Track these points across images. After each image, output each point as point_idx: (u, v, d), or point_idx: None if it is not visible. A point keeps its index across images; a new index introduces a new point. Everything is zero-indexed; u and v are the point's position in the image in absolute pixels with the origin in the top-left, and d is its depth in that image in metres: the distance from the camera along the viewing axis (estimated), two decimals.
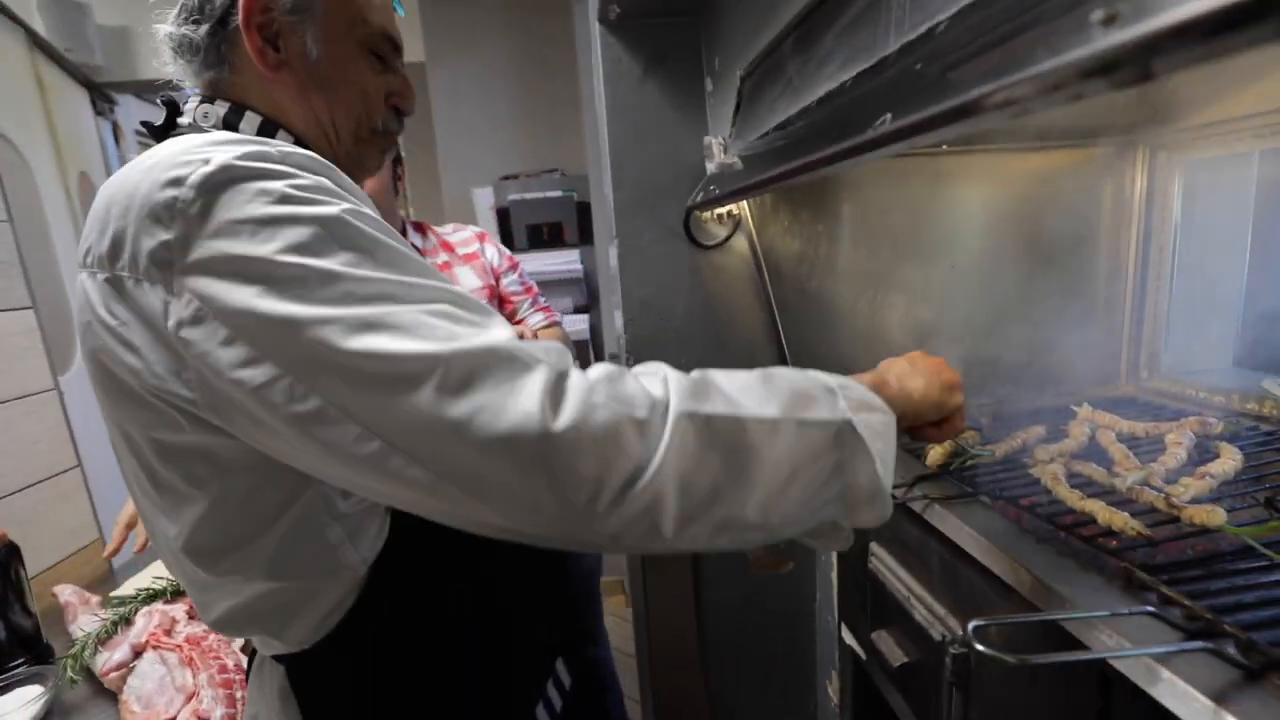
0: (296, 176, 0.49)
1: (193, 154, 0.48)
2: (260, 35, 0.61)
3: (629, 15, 1.13)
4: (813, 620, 1.41)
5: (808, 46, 0.74)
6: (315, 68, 0.63)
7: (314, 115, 0.65)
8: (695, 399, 0.47)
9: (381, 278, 0.46)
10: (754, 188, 0.81)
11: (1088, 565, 0.69)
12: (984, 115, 0.33)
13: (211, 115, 0.62)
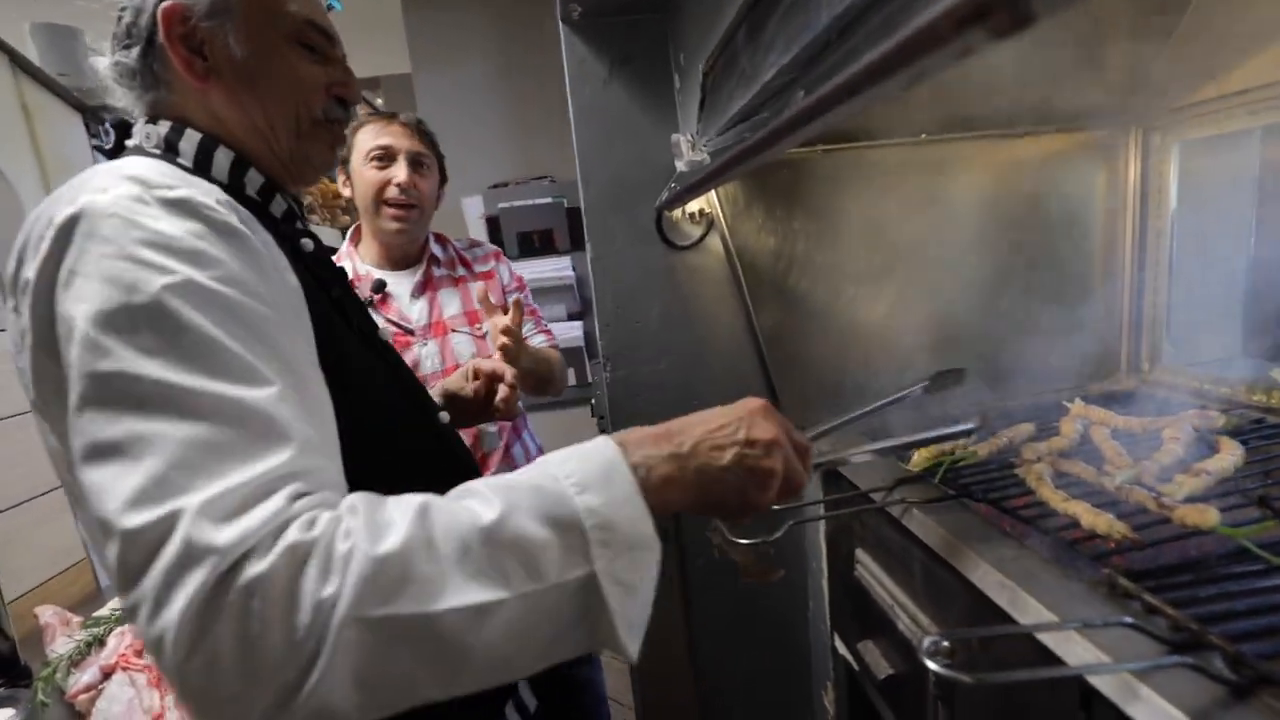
0: (155, 229, 0.47)
1: (77, 190, 0.49)
2: (184, 47, 0.61)
3: (591, 14, 1.11)
4: (806, 629, 1.37)
5: (756, 34, 0.71)
6: (243, 68, 0.62)
7: (249, 120, 0.64)
8: (376, 595, 0.40)
9: (159, 379, 0.43)
10: (707, 181, 0.78)
11: (1070, 572, 0.65)
12: (883, 82, 0.30)
13: (153, 136, 0.62)
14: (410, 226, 1.25)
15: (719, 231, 1.18)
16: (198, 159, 0.62)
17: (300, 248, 0.65)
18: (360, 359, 0.65)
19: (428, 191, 1.26)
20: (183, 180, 0.52)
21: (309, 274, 0.62)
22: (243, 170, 0.64)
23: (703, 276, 1.21)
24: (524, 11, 2.33)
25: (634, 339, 1.22)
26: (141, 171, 0.51)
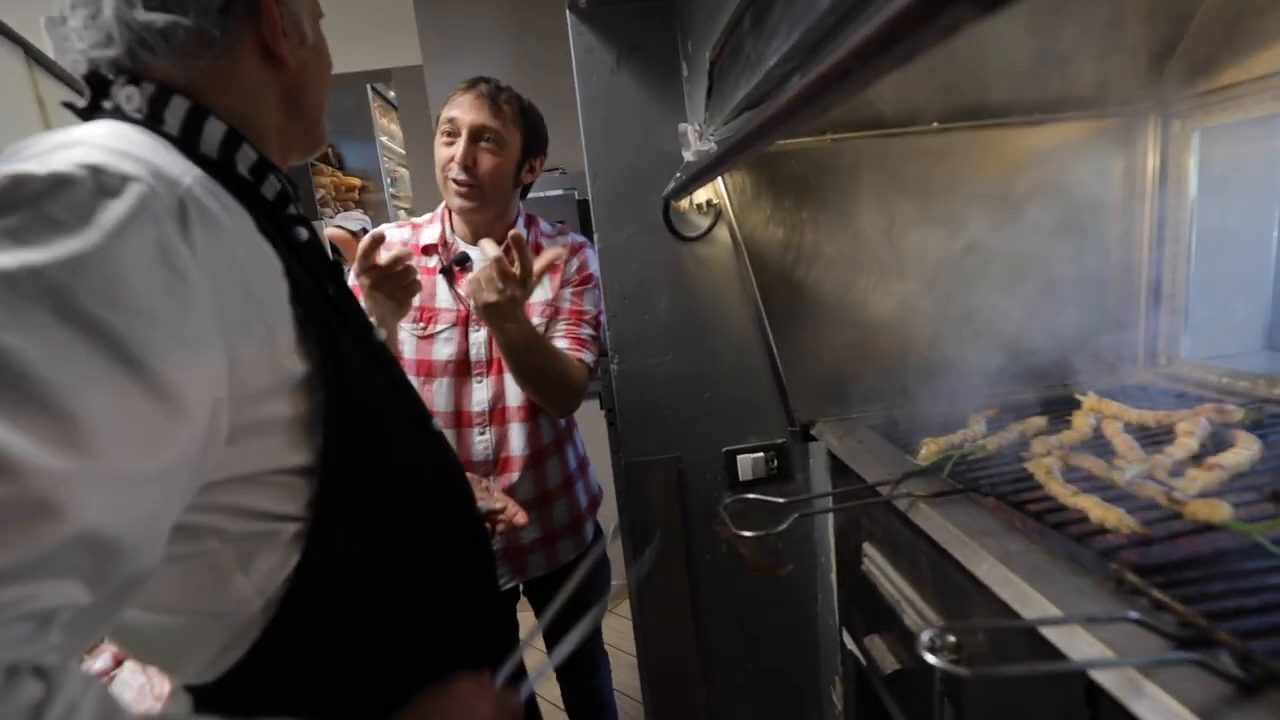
0: (59, 206, 0.42)
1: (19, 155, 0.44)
2: (275, 28, 0.60)
3: (599, 2, 1.10)
4: (815, 624, 1.37)
5: (761, 20, 0.70)
6: (312, 53, 0.65)
7: (303, 100, 0.65)
8: None
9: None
10: (711, 170, 0.77)
11: (1077, 567, 0.64)
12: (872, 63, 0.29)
13: (135, 98, 0.55)
14: (475, 205, 1.17)
15: (727, 222, 1.17)
16: (184, 130, 0.56)
17: (295, 238, 0.61)
18: (356, 361, 0.62)
19: (491, 170, 1.16)
20: (146, 156, 0.47)
21: (302, 267, 0.58)
22: (235, 145, 0.58)
23: (711, 268, 1.20)
24: (534, 3, 2.32)
25: (642, 331, 1.21)
26: (94, 145, 0.46)
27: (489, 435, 1.23)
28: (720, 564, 1.34)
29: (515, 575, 1.30)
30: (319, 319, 0.57)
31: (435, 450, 0.74)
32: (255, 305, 0.52)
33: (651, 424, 1.26)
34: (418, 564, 0.67)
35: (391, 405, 0.67)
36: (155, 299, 0.44)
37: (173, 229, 0.46)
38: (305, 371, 0.55)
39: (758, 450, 1.28)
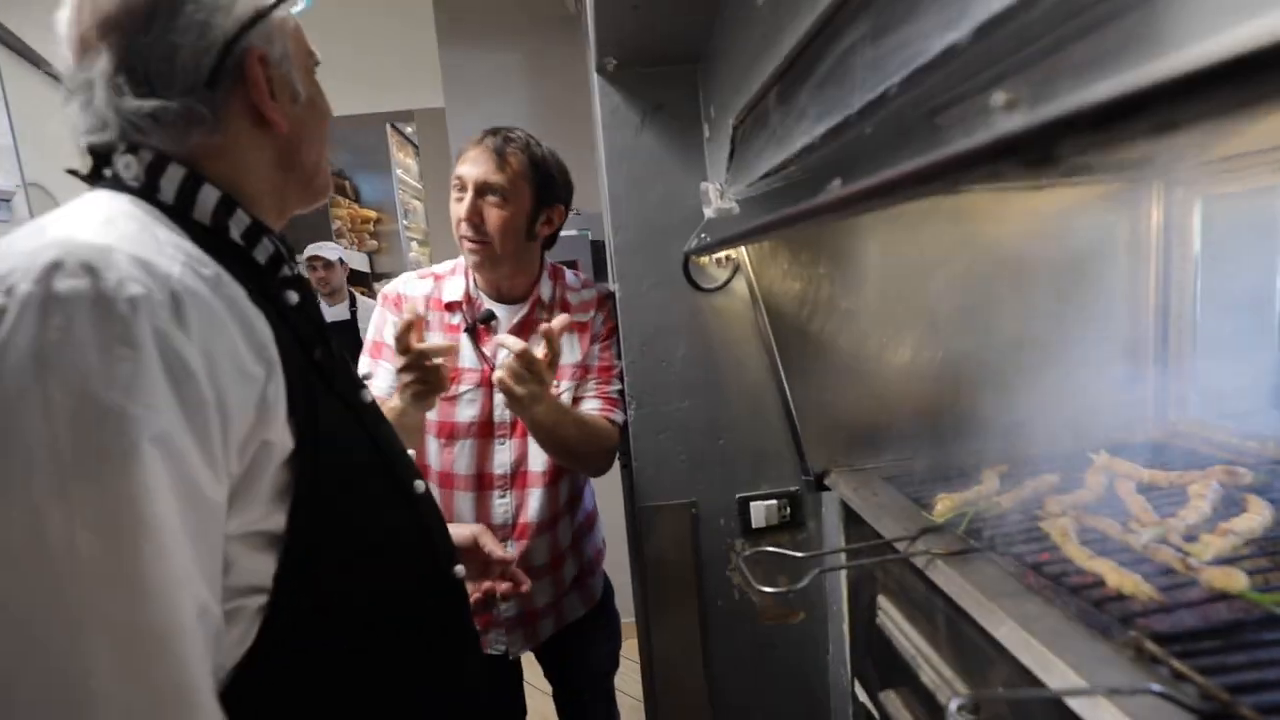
0: (55, 329, 0.45)
1: (39, 259, 0.46)
2: (265, 93, 0.61)
3: (625, 66, 1.15)
4: (825, 673, 1.36)
5: (788, 100, 0.74)
6: (305, 109, 0.66)
7: (302, 157, 0.66)
8: None
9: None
10: (734, 240, 0.81)
11: (1096, 633, 0.65)
12: (906, 193, 0.32)
13: (133, 167, 0.57)
14: (485, 261, 1.15)
15: (745, 275, 1.20)
16: (179, 197, 0.58)
17: (285, 303, 0.62)
18: (335, 425, 0.63)
19: (498, 225, 1.12)
20: (132, 249, 0.49)
21: (290, 333, 0.60)
22: (229, 210, 0.60)
23: (728, 318, 1.23)
24: (553, 51, 2.41)
25: (659, 378, 1.24)
26: (113, 244, 0.48)
27: (509, 499, 1.20)
28: (731, 610, 1.34)
29: (527, 642, 1.26)
30: (302, 388, 0.58)
31: (416, 510, 0.72)
32: (251, 381, 0.54)
33: (666, 469, 1.28)
34: (386, 638, 0.66)
35: (370, 472, 0.67)
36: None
37: (169, 322, 0.48)
38: (293, 445, 0.57)
39: (770, 498, 1.29)
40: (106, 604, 0.45)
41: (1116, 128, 0.20)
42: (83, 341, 0.45)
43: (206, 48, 0.58)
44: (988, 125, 0.24)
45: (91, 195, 0.56)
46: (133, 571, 0.45)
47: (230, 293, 0.55)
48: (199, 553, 0.50)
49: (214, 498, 0.51)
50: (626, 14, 0.95)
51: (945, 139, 0.29)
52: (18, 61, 1.59)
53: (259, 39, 0.61)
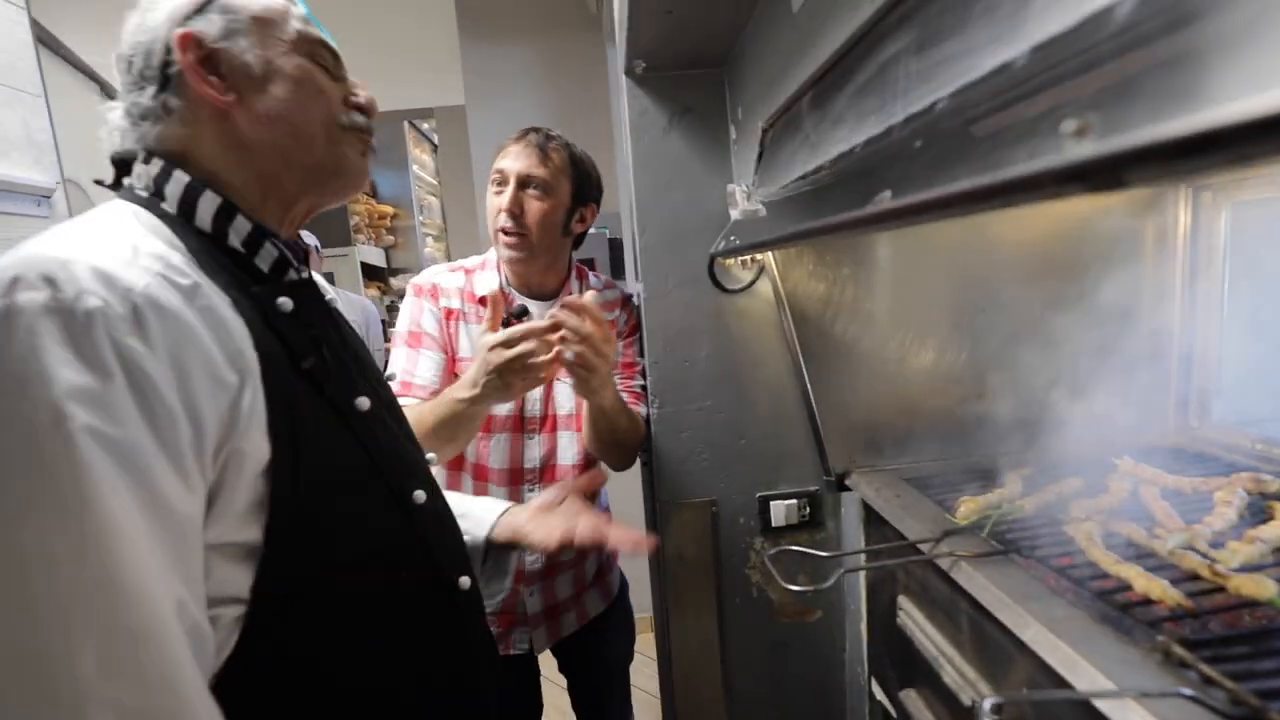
0: (51, 337, 0.47)
1: (3, 275, 0.48)
2: (204, 69, 0.61)
3: (654, 69, 1.16)
4: (842, 671, 1.37)
5: (823, 105, 0.75)
6: (265, 81, 0.63)
7: (274, 136, 0.64)
8: None
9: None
10: (769, 245, 0.82)
11: (1123, 636, 0.66)
12: (967, 208, 0.33)
13: (144, 177, 0.61)
14: (523, 255, 1.16)
15: (770, 277, 1.21)
16: (181, 206, 0.60)
17: (277, 310, 0.62)
18: (321, 434, 0.63)
19: (538, 217, 1.14)
20: (118, 267, 0.51)
21: (276, 340, 0.60)
22: (228, 217, 0.62)
23: (751, 319, 1.24)
24: (573, 49, 2.42)
25: (682, 377, 1.25)
26: (76, 259, 0.50)
27: (538, 493, 1.22)
28: (749, 607, 1.35)
29: (550, 638, 1.27)
30: (283, 397, 0.58)
31: (412, 519, 0.71)
32: (224, 389, 0.55)
33: (687, 467, 1.29)
34: (378, 649, 0.66)
35: (359, 482, 0.66)
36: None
37: (128, 331, 0.50)
38: (269, 456, 0.57)
39: (790, 497, 1.30)
40: (85, 607, 0.47)
41: (1193, 162, 0.21)
42: (40, 350, 0.46)
43: (153, 42, 0.61)
44: (1056, 149, 0.25)
45: (103, 206, 0.60)
46: (106, 575, 0.47)
47: (207, 302, 0.56)
48: (174, 559, 0.51)
49: (183, 507, 0.52)
50: (659, 19, 0.96)
51: (1002, 157, 0.30)
52: (55, 60, 1.62)
53: (198, 20, 0.61)
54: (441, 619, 0.73)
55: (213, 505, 0.55)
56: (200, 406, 0.53)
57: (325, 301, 0.72)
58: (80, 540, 0.47)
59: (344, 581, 0.63)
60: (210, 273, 0.58)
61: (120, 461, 0.48)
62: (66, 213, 1.39)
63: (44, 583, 0.46)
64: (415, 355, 1.17)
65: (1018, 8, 0.39)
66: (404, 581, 0.69)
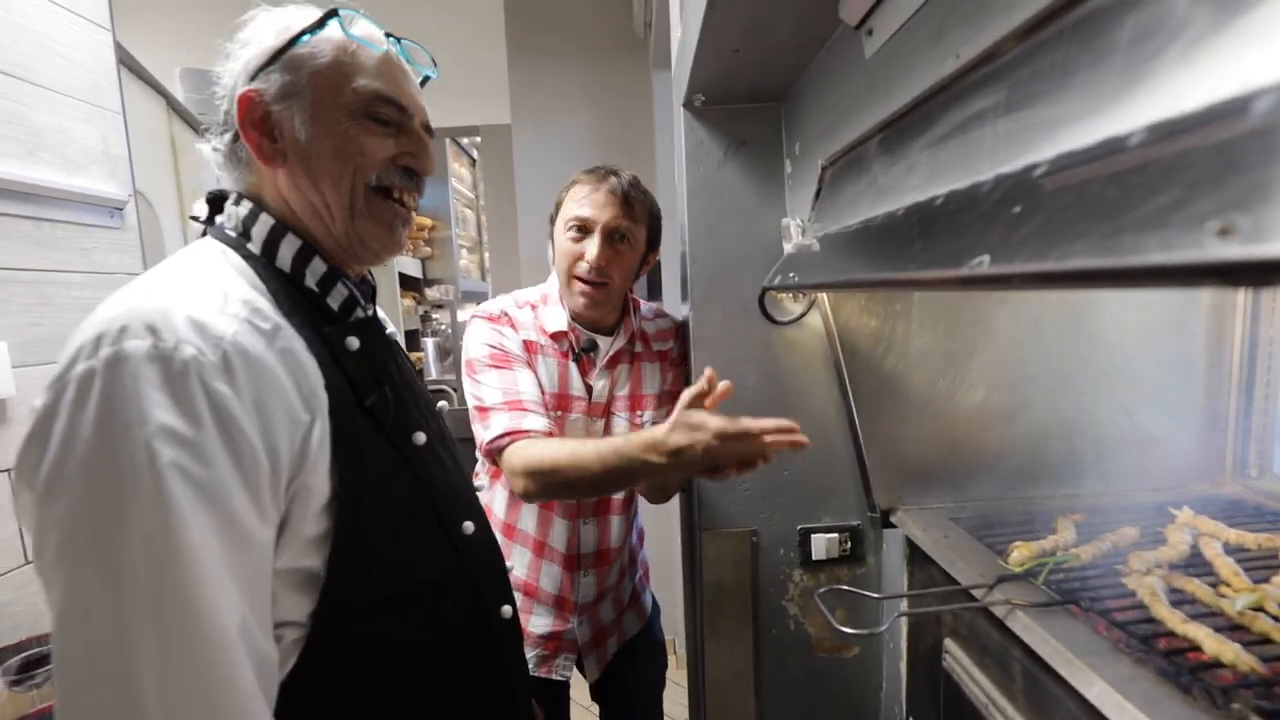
0: (150, 393, 0.51)
1: (114, 324, 0.52)
2: (257, 131, 0.64)
3: (712, 102, 1.18)
4: (878, 710, 1.35)
5: (893, 151, 0.75)
6: (305, 149, 0.64)
7: (308, 202, 0.66)
8: None
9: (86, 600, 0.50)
10: (832, 286, 0.82)
11: (1192, 701, 0.64)
12: (1078, 284, 0.34)
13: (234, 218, 0.67)
14: (600, 302, 1.16)
15: (820, 310, 1.21)
16: (265, 247, 0.65)
17: (344, 348, 0.65)
18: (381, 470, 0.65)
19: (623, 269, 1.15)
20: (210, 316, 0.55)
21: (344, 379, 0.63)
22: (306, 259, 0.66)
23: (800, 351, 1.25)
24: (620, 72, 2.47)
25: (728, 406, 1.25)
26: (175, 308, 0.54)
27: (592, 526, 1.24)
28: (786, 638, 1.34)
29: (599, 665, 1.29)
30: (347, 435, 0.61)
31: (461, 552, 0.73)
32: (298, 427, 0.58)
33: (729, 497, 1.29)
34: (425, 675, 0.68)
35: (414, 515, 0.69)
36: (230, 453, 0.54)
37: (218, 378, 0.54)
38: (331, 491, 0.60)
39: (832, 530, 1.30)
40: (161, 627, 0.50)
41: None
42: (141, 395, 0.51)
43: (226, 95, 0.66)
44: (1196, 244, 0.26)
45: (196, 244, 0.66)
46: (181, 600, 0.50)
47: (286, 345, 0.59)
48: (247, 588, 0.55)
49: (260, 537, 0.56)
50: (724, 58, 0.98)
51: (1125, 239, 0.30)
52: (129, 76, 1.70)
53: (260, 78, 0.64)
54: (481, 647, 0.75)
55: (281, 534, 0.58)
56: (278, 444, 0.57)
57: (386, 335, 0.75)
58: (166, 572, 0.50)
59: (393, 610, 0.66)
60: (287, 313, 0.62)
61: (204, 498, 0.52)
62: (136, 224, 1.44)
63: (130, 601, 0.50)
64: (513, 375, 1.13)
65: (1128, 83, 0.40)
66: (449, 614, 0.72)
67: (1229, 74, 0.31)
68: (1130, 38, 0.40)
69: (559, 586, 1.23)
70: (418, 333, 4.26)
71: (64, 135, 1.28)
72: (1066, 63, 0.46)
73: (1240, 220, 0.26)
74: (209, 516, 0.52)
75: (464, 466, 0.85)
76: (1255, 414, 1.21)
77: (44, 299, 1.22)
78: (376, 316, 0.74)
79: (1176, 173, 0.31)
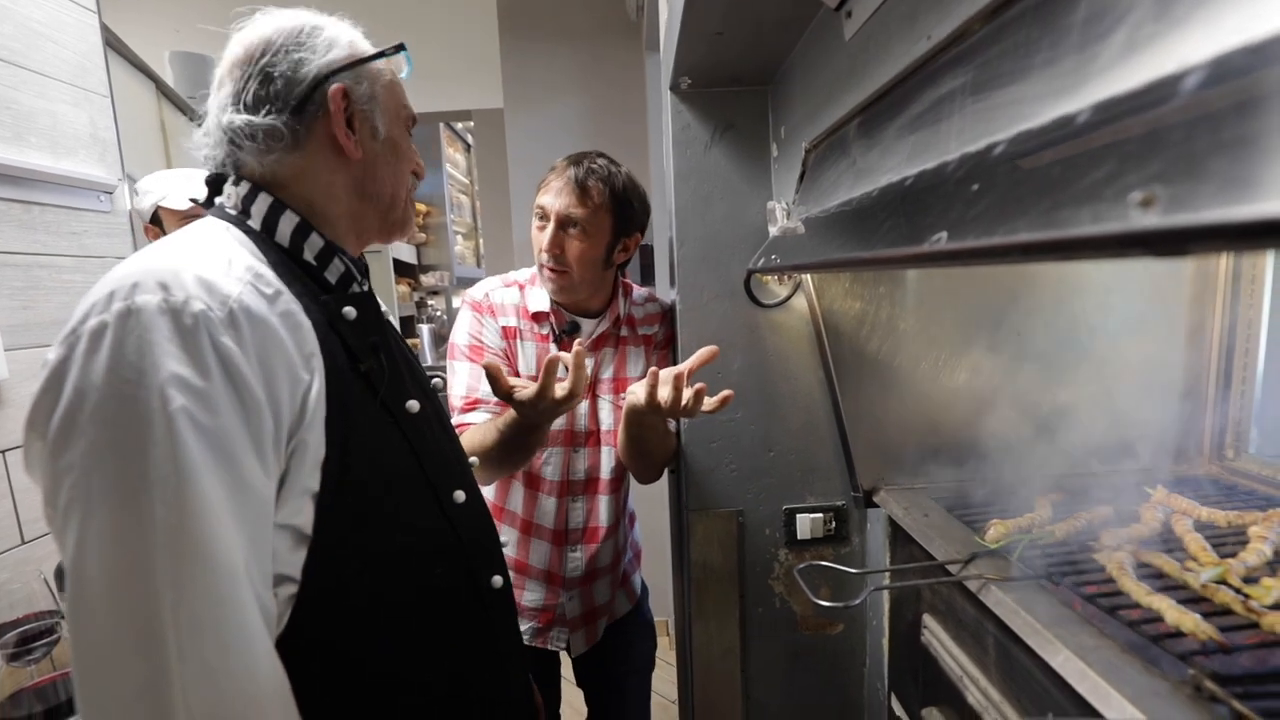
0: (165, 344, 0.53)
1: (126, 281, 0.55)
2: (345, 123, 0.71)
3: (699, 85, 1.19)
4: (861, 685, 1.38)
5: (871, 133, 0.76)
6: (383, 145, 0.74)
7: (375, 189, 0.74)
8: None
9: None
10: (809, 267, 0.83)
11: (1153, 668, 0.66)
12: (1023, 258, 0.35)
13: (234, 196, 0.70)
14: (565, 288, 1.20)
15: (805, 293, 1.23)
16: (265, 223, 0.69)
17: (342, 318, 0.69)
18: (373, 433, 0.68)
19: (577, 256, 1.17)
20: (217, 276, 0.58)
21: (340, 344, 0.67)
22: (304, 234, 0.70)
23: (785, 333, 1.26)
24: (612, 56, 2.45)
25: (713, 388, 1.26)
26: (184, 268, 0.57)
27: (581, 504, 1.27)
28: (771, 617, 1.37)
29: (588, 641, 1.32)
30: (340, 397, 0.64)
31: (452, 519, 0.76)
32: (299, 385, 0.61)
33: (715, 477, 1.31)
34: (413, 638, 0.70)
35: (405, 480, 0.71)
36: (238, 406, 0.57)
37: (225, 333, 0.57)
38: (326, 450, 0.63)
39: (817, 510, 1.32)
40: (178, 569, 0.53)
41: (1252, 244, 0.23)
42: (153, 344, 0.53)
43: (300, 79, 0.69)
44: (1122, 215, 0.27)
45: (200, 222, 0.69)
46: (194, 542, 0.53)
47: (286, 308, 0.62)
48: (250, 536, 0.57)
49: (263, 490, 0.58)
50: (709, 40, 0.98)
51: (1066, 217, 0.32)
52: (117, 59, 1.69)
53: (347, 78, 0.71)
54: (473, 615, 0.78)
55: (280, 489, 0.61)
56: (280, 400, 0.59)
57: (382, 313, 0.78)
58: (180, 511, 0.52)
59: (382, 573, 0.68)
60: (287, 281, 0.65)
61: (213, 445, 0.54)
62: (126, 207, 1.44)
63: (146, 538, 0.52)
64: (480, 371, 1.18)
65: (1081, 63, 0.41)
66: (439, 577, 0.74)
67: (1169, 55, 0.33)
68: (1084, 18, 0.41)
69: (548, 561, 1.26)
70: (413, 319, 4.26)
71: (52, 118, 1.28)
72: (1028, 43, 0.47)
73: (1160, 191, 0.27)
74: (216, 463, 0.54)
75: (458, 441, 0.87)
76: (1233, 396, 1.23)
77: (33, 282, 1.23)
78: (372, 293, 0.77)
79: (1113, 148, 0.32)
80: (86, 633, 0.52)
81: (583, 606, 1.29)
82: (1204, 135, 0.27)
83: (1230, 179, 0.24)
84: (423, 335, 4.23)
